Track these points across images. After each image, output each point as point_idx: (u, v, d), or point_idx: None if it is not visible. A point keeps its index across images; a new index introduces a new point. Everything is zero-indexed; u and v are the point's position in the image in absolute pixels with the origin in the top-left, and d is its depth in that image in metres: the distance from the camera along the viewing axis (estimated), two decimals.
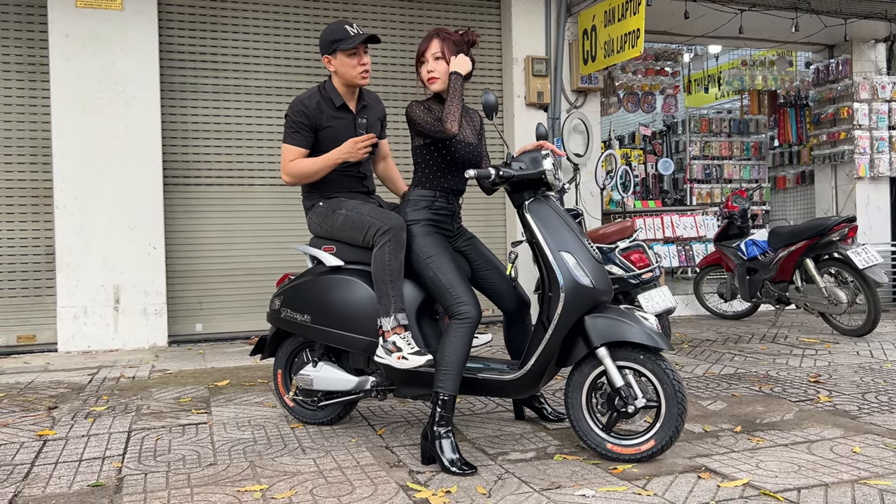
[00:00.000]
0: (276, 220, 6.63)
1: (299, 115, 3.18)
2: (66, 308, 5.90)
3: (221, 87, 6.54)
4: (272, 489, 2.60)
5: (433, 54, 3.03)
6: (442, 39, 3.03)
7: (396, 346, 2.89)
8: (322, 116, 3.21)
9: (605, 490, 2.51)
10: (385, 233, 2.97)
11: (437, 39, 3.03)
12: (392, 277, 2.94)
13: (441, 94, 3.09)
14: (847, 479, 2.58)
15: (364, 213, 3.11)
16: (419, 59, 3.09)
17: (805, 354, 5.08)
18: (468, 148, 3.11)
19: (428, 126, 2.97)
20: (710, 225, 8.01)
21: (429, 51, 3.04)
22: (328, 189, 3.27)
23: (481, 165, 3.19)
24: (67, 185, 5.91)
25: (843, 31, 7.73)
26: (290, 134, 3.20)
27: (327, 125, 3.22)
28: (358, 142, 3.14)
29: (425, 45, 3.05)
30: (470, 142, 3.13)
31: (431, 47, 3.03)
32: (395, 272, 2.95)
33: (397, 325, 2.92)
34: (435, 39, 3.03)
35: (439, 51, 3.02)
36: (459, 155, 3.07)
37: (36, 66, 6.06)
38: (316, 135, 3.22)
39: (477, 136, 3.22)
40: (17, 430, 3.46)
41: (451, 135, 2.90)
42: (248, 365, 5.09)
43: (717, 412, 3.56)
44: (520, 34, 7.16)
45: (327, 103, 3.24)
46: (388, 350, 2.91)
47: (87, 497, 2.58)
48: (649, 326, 2.79)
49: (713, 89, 10.59)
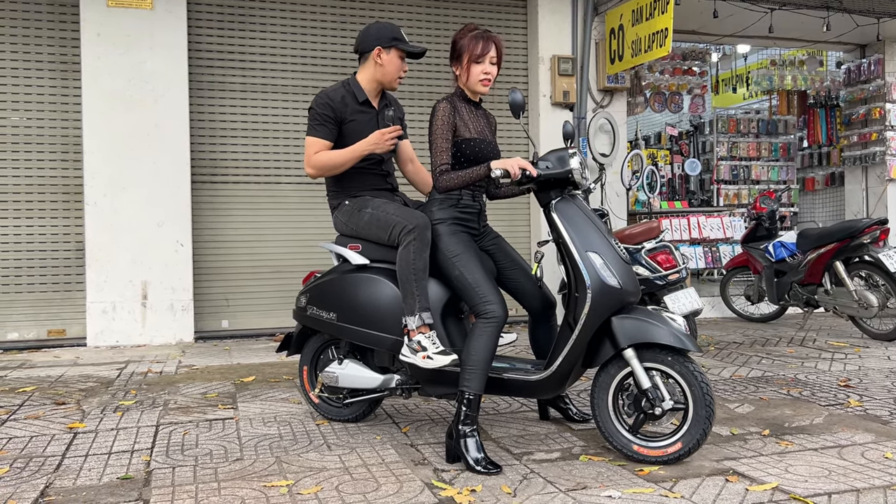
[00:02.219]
0: (302, 219, 6.67)
1: (324, 108, 3.20)
2: (95, 303, 5.98)
3: (249, 85, 6.59)
4: (298, 485, 2.62)
5: (491, 58, 3.04)
6: (499, 44, 3.07)
7: (421, 345, 2.89)
8: (347, 110, 3.23)
9: (632, 492, 2.50)
10: (410, 231, 2.98)
11: (495, 44, 3.05)
12: (417, 276, 2.94)
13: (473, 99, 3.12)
14: (879, 484, 2.54)
15: (389, 211, 3.11)
16: (478, 56, 3.03)
17: (834, 358, 5.01)
18: (489, 146, 3.11)
19: (436, 148, 2.98)
20: (738, 226, 7.93)
21: (489, 53, 3.03)
22: (353, 187, 3.28)
23: None
24: (97, 181, 5.99)
25: (876, 30, 7.60)
26: (314, 126, 3.21)
27: (351, 119, 3.23)
28: (384, 133, 3.15)
29: (487, 46, 3.03)
30: (490, 140, 3.14)
31: (492, 50, 3.04)
32: (420, 271, 2.95)
33: (422, 324, 2.93)
34: (493, 43, 3.05)
35: (496, 55, 3.05)
36: (483, 153, 3.06)
37: (68, 65, 6.16)
38: (340, 129, 3.23)
39: (493, 136, 3.23)
40: (47, 423, 3.52)
41: (436, 186, 2.97)
42: (274, 361, 5.12)
43: (745, 415, 3.52)
44: (546, 33, 7.13)
45: (351, 97, 3.25)
46: (412, 349, 2.92)
47: (116, 489, 2.61)
48: (677, 328, 2.76)
49: (741, 89, 10.47)
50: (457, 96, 3.10)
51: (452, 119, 3.00)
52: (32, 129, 6.11)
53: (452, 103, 3.04)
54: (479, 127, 3.11)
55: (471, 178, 2.92)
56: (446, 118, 2.98)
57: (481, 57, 3.03)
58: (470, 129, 3.05)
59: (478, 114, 3.15)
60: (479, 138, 3.06)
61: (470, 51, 3.02)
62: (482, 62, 3.03)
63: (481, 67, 3.03)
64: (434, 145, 2.99)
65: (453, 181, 2.94)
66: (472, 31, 3.06)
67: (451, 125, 2.99)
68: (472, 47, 3.02)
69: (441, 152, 2.97)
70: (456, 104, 3.05)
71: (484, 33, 3.06)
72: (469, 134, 3.03)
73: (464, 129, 3.03)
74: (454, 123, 3.01)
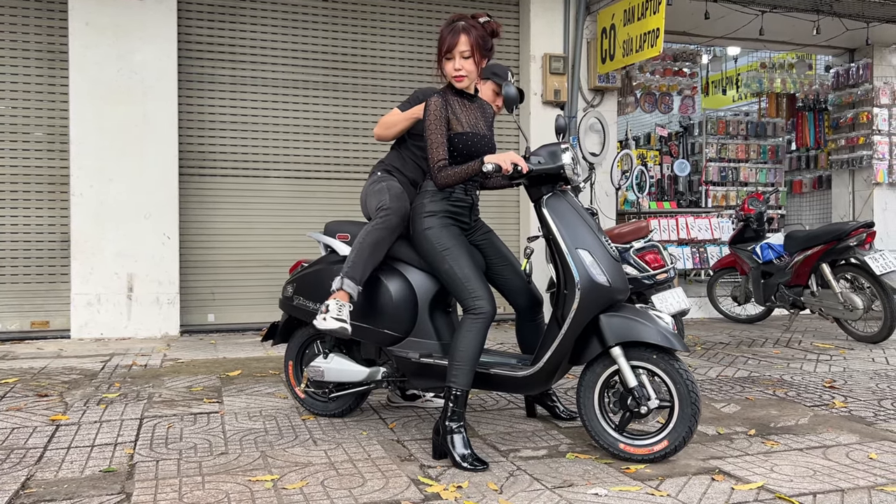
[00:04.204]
0: (290, 212, 6.64)
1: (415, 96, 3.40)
2: (80, 295, 5.92)
3: (239, 78, 6.55)
4: (283, 479, 2.60)
5: (461, 52, 2.92)
6: (470, 35, 2.92)
7: (328, 307, 2.96)
8: None
9: (618, 489, 2.49)
10: (384, 210, 3.09)
11: (466, 36, 2.91)
12: (360, 247, 3.05)
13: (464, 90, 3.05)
14: (864, 484, 2.55)
15: (390, 189, 3.19)
16: (445, 52, 2.96)
17: (820, 360, 5.04)
18: (483, 140, 3.04)
19: (430, 145, 2.95)
20: (725, 227, 7.96)
21: (457, 47, 2.92)
22: (396, 167, 3.38)
23: None
24: (84, 172, 5.93)
25: (865, 34, 7.63)
26: (403, 103, 3.41)
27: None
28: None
29: (454, 40, 2.92)
30: (484, 133, 3.06)
31: (460, 44, 2.91)
32: (368, 245, 3.05)
33: (340, 288, 3.00)
34: (463, 35, 2.91)
35: (468, 49, 2.92)
36: (475, 147, 3.02)
37: (55, 54, 6.09)
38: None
39: (489, 129, 3.15)
40: (29, 415, 3.48)
41: (435, 182, 2.96)
42: (260, 356, 5.09)
43: (731, 415, 3.53)
44: (538, 31, 7.12)
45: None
46: (321, 311, 2.99)
47: (99, 482, 2.58)
48: (664, 326, 2.76)
49: (731, 91, 10.51)
50: (449, 90, 3.05)
51: (444, 113, 2.96)
52: (18, 119, 6.03)
53: (444, 97, 3.00)
54: (473, 120, 3.03)
55: (466, 173, 2.90)
56: (438, 113, 2.95)
57: (449, 52, 2.95)
58: (462, 123, 2.99)
59: (471, 106, 3.07)
60: (472, 132, 2.99)
61: (440, 45, 2.97)
62: (452, 58, 2.95)
63: (451, 64, 2.95)
64: (430, 141, 2.95)
65: (451, 177, 2.92)
66: (450, 24, 2.97)
67: (444, 119, 2.95)
68: (441, 41, 2.96)
69: (437, 147, 2.93)
70: (448, 98, 3.01)
71: (455, 26, 2.94)
72: (461, 128, 2.98)
73: (455, 124, 2.98)
74: (446, 117, 2.97)
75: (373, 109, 6.91)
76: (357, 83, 6.88)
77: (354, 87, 6.87)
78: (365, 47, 6.89)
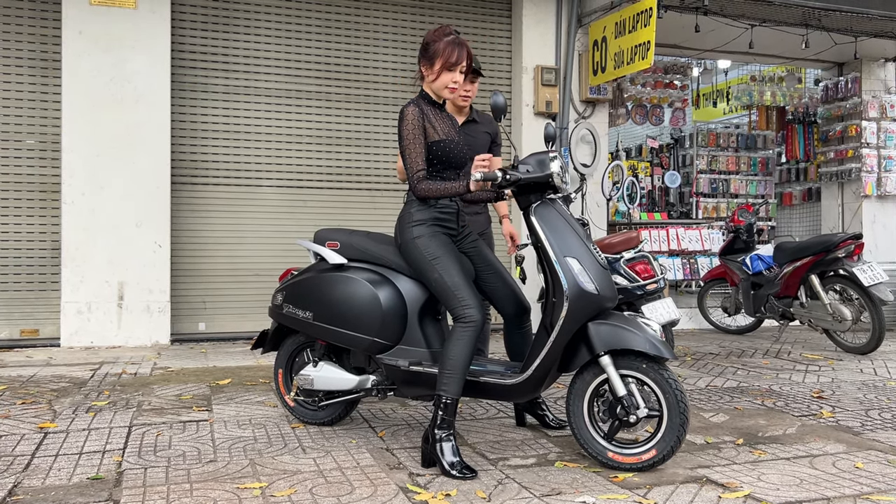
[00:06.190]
0: (282, 222, 6.64)
1: None
2: (71, 303, 5.91)
3: (231, 87, 6.56)
4: (272, 487, 2.59)
5: (462, 67, 3.00)
6: (469, 57, 3.02)
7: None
8: None
9: (606, 498, 2.50)
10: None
11: (467, 53, 3.00)
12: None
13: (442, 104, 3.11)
14: (849, 493, 2.57)
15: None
16: (450, 65, 2.99)
17: (808, 370, 5.06)
18: (458, 147, 3.07)
19: (409, 155, 2.95)
20: (716, 239, 8.00)
21: (462, 63, 2.99)
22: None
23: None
24: (75, 180, 5.93)
25: (853, 48, 7.72)
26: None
27: None
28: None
29: (461, 55, 2.98)
30: (458, 140, 3.09)
31: (465, 60, 2.99)
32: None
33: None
34: (466, 52, 3.00)
35: (466, 66, 3.02)
36: (452, 154, 3.03)
37: (48, 63, 6.10)
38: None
39: (458, 135, 3.14)
40: (17, 422, 3.46)
41: (414, 193, 2.94)
42: (250, 364, 5.08)
43: (719, 424, 3.54)
44: (530, 43, 7.17)
45: None
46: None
47: (86, 489, 2.58)
48: (653, 335, 2.78)
49: (721, 104, 10.59)
50: (422, 98, 3.07)
51: (422, 122, 2.97)
52: (10, 127, 6.03)
53: (419, 106, 3.01)
54: (446, 128, 3.06)
55: (448, 192, 2.89)
56: (416, 122, 2.96)
57: (454, 66, 2.99)
58: (438, 131, 3.01)
59: (442, 115, 3.10)
60: (447, 139, 3.02)
61: (445, 57, 2.97)
62: (454, 71, 2.99)
63: (451, 76, 2.99)
64: (408, 151, 2.96)
65: (431, 191, 2.91)
66: (449, 36, 3.00)
67: (422, 129, 2.97)
68: (447, 53, 2.97)
69: (416, 157, 2.94)
70: (422, 107, 3.02)
71: (460, 40, 3.01)
72: (437, 136, 3.00)
73: (432, 132, 3.00)
74: (423, 126, 2.98)
75: (365, 119, 6.94)
76: (349, 93, 6.91)
77: (347, 97, 6.90)
78: (357, 57, 6.93)
